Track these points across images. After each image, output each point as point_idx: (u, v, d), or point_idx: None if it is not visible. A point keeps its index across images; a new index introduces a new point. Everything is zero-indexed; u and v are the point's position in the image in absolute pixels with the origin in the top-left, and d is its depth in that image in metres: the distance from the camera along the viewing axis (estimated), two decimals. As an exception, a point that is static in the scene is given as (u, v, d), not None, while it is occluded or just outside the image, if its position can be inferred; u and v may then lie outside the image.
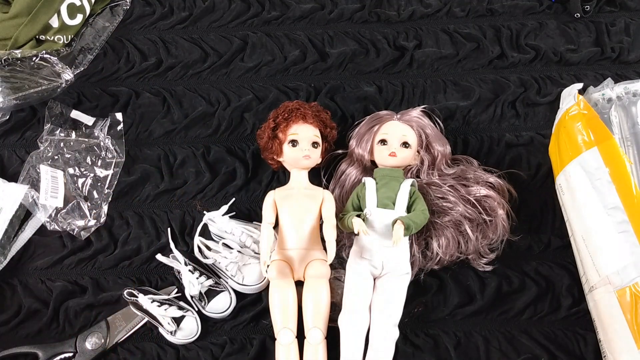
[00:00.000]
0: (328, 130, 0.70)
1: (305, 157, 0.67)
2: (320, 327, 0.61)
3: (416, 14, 0.83)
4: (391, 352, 0.62)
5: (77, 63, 0.80)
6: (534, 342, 0.65)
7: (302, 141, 0.67)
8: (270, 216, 0.66)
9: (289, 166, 0.69)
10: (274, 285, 0.63)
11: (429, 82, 0.79)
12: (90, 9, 0.83)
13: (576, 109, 0.64)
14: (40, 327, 0.68)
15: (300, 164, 0.67)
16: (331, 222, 0.64)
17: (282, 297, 0.62)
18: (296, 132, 0.67)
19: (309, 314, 0.62)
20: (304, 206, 0.66)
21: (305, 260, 0.64)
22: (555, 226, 0.70)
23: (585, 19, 0.82)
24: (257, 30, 0.83)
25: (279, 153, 0.68)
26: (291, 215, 0.65)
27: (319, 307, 0.62)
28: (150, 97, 0.79)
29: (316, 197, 0.66)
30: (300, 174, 0.68)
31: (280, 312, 0.62)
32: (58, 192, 0.72)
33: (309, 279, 0.63)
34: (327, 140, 0.70)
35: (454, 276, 0.68)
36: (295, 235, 0.65)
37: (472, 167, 0.70)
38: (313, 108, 0.69)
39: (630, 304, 0.56)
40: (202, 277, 0.67)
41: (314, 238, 0.65)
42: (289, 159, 0.68)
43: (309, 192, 0.67)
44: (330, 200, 0.66)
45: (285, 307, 0.62)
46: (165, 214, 0.73)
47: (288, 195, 0.67)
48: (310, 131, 0.68)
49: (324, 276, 0.63)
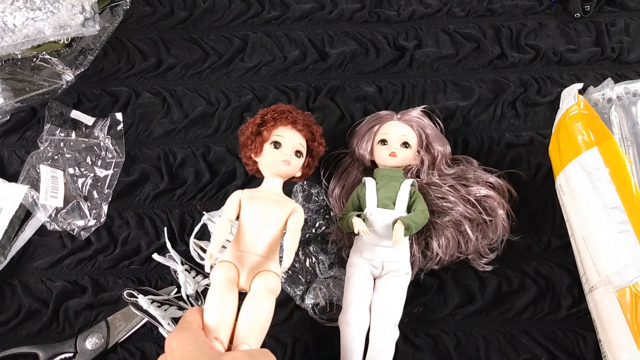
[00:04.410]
0: (315, 144, 0.65)
1: (285, 161, 0.62)
2: (251, 344, 0.54)
3: (416, 14, 0.83)
4: (391, 352, 0.62)
5: (78, 64, 0.80)
6: (534, 342, 0.66)
7: (286, 145, 0.62)
8: (231, 213, 0.60)
9: (265, 169, 0.63)
10: (215, 290, 0.56)
11: (429, 82, 0.79)
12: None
13: (576, 109, 0.64)
14: (40, 327, 0.68)
15: (278, 168, 0.62)
16: (295, 233, 0.58)
17: (222, 306, 0.55)
18: (282, 134, 0.63)
19: (243, 327, 0.54)
20: (270, 211, 0.60)
21: (256, 269, 0.58)
22: (555, 226, 0.70)
23: (585, 19, 0.82)
24: (257, 30, 0.83)
25: (258, 152, 0.63)
26: (253, 217, 0.59)
27: (257, 323, 0.55)
28: (150, 97, 0.79)
29: (285, 207, 0.60)
30: (275, 181, 0.63)
31: (214, 321, 0.54)
32: (58, 192, 0.72)
33: (255, 290, 0.56)
34: (311, 155, 0.65)
35: (454, 276, 0.69)
36: (253, 238, 0.59)
37: (472, 167, 0.70)
38: (306, 117, 0.65)
39: (630, 304, 0.56)
40: (198, 277, 0.67)
41: (272, 248, 0.59)
42: (267, 161, 0.62)
43: (279, 199, 0.61)
44: (300, 214, 0.60)
45: (222, 317, 0.54)
46: (165, 214, 0.73)
47: (256, 197, 0.61)
48: (297, 138, 0.63)
49: (272, 291, 0.57)
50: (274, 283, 0.57)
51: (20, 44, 0.76)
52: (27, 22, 0.76)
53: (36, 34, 0.76)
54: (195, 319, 0.53)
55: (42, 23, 0.76)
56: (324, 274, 0.68)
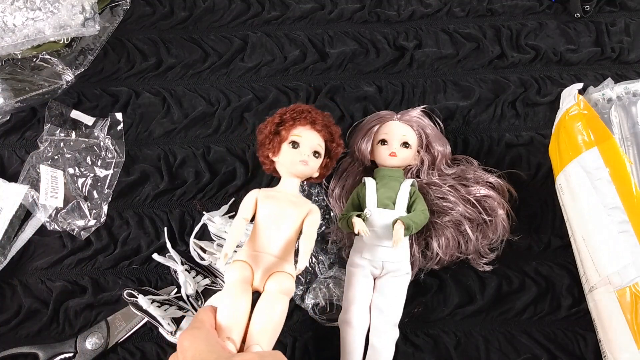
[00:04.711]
0: (334, 145, 0.64)
1: (303, 162, 0.61)
2: (263, 346, 0.53)
3: (416, 14, 0.83)
4: (391, 352, 0.62)
5: (78, 64, 0.80)
6: (534, 342, 0.66)
7: (304, 145, 0.62)
8: (247, 212, 0.60)
9: (283, 169, 0.63)
10: (229, 289, 0.55)
11: (429, 82, 0.79)
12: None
13: (576, 109, 0.64)
14: (40, 327, 0.68)
15: (295, 168, 0.61)
16: (311, 235, 0.58)
17: (235, 306, 0.54)
18: (300, 134, 0.62)
19: (255, 328, 0.54)
20: (286, 211, 0.59)
21: (271, 270, 0.57)
22: (555, 226, 0.70)
23: (585, 19, 0.82)
24: (257, 30, 0.83)
25: (276, 152, 0.62)
26: (269, 217, 0.59)
27: (269, 324, 0.54)
28: (150, 97, 0.79)
29: (301, 208, 0.60)
30: (292, 181, 0.62)
31: (227, 320, 0.54)
32: (58, 192, 0.72)
33: (269, 291, 0.56)
34: (330, 156, 0.65)
35: (454, 276, 0.69)
36: (268, 238, 0.58)
37: (472, 167, 0.70)
38: (325, 117, 0.64)
39: (630, 304, 0.56)
40: (198, 277, 0.67)
41: (287, 249, 0.59)
42: (285, 161, 0.62)
43: (296, 200, 0.61)
44: (316, 215, 0.60)
45: (235, 316, 0.54)
46: (165, 214, 0.73)
47: (272, 197, 0.60)
48: (315, 139, 0.62)
49: (286, 292, 0.56)
50: (289, 284, 0.56)
51: (20, 44, 0.76)
52: (27, 22, 0.76)
53: (36, 34, 0.76)
54: (208, 318, 0.53)
55: (42, 23, 0.76)
56: (324, 274, 0.68)
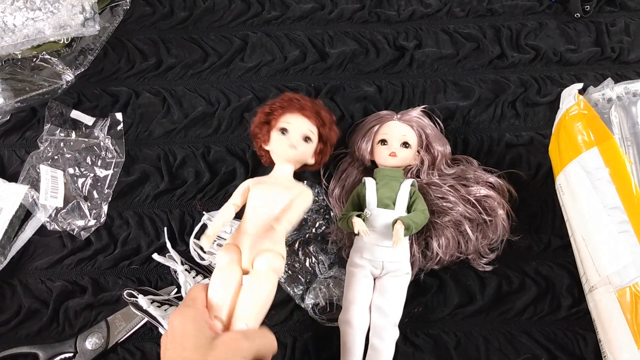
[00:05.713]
0: (326, 129, 0.65)
1: (291, 146, 0.62)
2: (250, 323, 0.53)
3: (416, 14, 0.83)
4: (391, 352, 0.62)
5: (78, 64, 0.80)
6: (534, 342, 0.66)
7: (293, 131, 0.63)
8: (237, 199, 0.60)
9: (276, 157, 0.64)
10: (218, 270, 0.56)
11: (429, 82, 0.79)
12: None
13: (576, 109, 0.64)
14: (40, 327, 0.68)
15: (286, 154, 0.63)
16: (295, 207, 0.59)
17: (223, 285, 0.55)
18: (289, 121, 0.63)
19: (241, 305, 0.54)
20: (276, 194, 0.60)
21: (260, 249, 0.57)
22: (555, 226, 0.70)
23: (585, 19, 0.82)
24: (257, 30, 0.83)
25: (267, 140, 0.64)
26: (259, 199, 0.60)
27: (256, 301, 0.54)
28: (150, 97, 0.79)
29: (292, 190, 0.60)
30: (285, 167, 0.63)
31: (216, 299, 0.54)
32: (58, 192, 0.72)
33: (257, 269, 0.56)
34: (322, 141, 0.65)
35: (454, 276, 0.69)
36: (257, 219, 0.59)
37: (472, 167, 0.70)
38: (315, 104, 0.65)
39: (630, 304, 0.56)
40: (198, 277, 0.67)
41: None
42: (276, 148, 0.63)
43: (288, 184, 0.61)
44: (306, 195, 0.60)
45: (223, 295, 0.54)
46: (165, 214, 0.73)
47: (263, 182, 0.62)
48: (305, 124, 0.63)
49: (274, 270, 0.56)
50: (277, 262, 0.56)
51: (20, 44, 0.76)
52: (27, 22, 0.76)
53: (36, 34, 0.76)
54: (200, 296, 0.54)
55: (42, 23, 0.76)
56: (324, 274, 0.68)
